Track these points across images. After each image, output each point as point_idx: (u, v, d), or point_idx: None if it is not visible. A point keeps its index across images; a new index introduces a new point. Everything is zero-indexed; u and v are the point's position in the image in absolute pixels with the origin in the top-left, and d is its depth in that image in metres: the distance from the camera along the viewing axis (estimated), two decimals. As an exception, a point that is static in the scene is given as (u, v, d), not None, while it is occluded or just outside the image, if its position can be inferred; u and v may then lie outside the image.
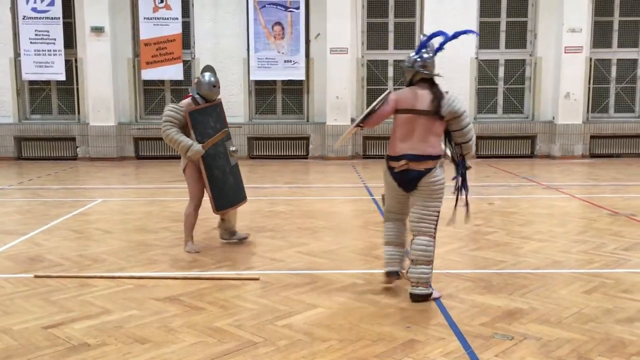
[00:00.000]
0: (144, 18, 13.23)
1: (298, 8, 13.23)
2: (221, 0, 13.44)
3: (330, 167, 12.29)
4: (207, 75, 5.46)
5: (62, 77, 13.43)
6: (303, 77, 13.51)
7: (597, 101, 13.88)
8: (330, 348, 3.33)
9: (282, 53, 13.31)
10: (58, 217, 7.08)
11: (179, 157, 5.55)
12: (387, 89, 13.66)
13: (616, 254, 5.32)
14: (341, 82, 13.14)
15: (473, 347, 3.31)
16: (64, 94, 13.85)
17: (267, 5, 13.21)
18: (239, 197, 5.74)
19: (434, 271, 4.19)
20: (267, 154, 13.57)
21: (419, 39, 4.22)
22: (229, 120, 5.90)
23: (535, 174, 10.93)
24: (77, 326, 3.66)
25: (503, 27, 13.62)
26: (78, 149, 13.63)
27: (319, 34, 13.41)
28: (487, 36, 13.50)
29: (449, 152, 4.25)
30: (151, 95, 13.85)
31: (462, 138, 4.12)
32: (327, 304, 4.04)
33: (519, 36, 13.71)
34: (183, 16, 13.37)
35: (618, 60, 13.79)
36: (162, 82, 13.68)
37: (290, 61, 13.34)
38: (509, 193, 8.82)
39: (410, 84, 4.14)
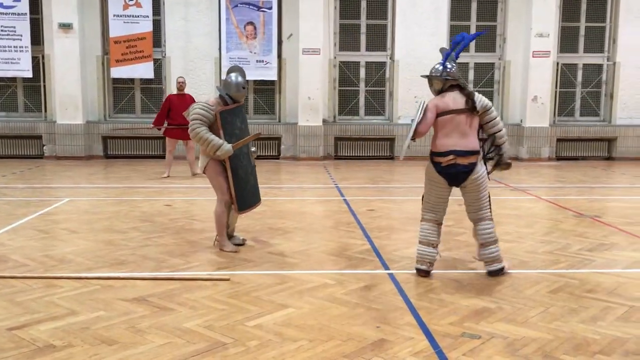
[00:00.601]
0: (114, 15, 13.06)
1: (270, 8, 13.20)
2: (193, -1, 13.34)
3: (301, 167, 12.30)
4: (233, 75, 5.39)
5: (29, 74, 13.16)
6: (275, 78, 13.48)
7: (563, 105, 14.17)
8: (301, 348, 3.33)
9: (254, 53, 13.27)
10: (23, 217, 6.93)
11: (149, 157, 5.49)
12: (358, 89, 13.81)
13: (581, 254, 5.44)
14: (313, 83, 13.17)
15: (442, 347, 3.35)
16: (30, 91, 13.58)
17: (239, 5, 13.15)
18: (256, 198, 5.76)
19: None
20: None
21: (440, 53, 4.64)
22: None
23: (503, 176, 11.09)
24: (42, 328, 3.59)
25: (473, 30, 13.79)
26: (45, 148, 13.37)
27: (291, 35, 13.41)
28: (457, 39, 13.64)
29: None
30: (120, 93, 13.66)
31: (494, 128, 4.66)
32: (298, 305, 4.04)
33: (488, 40, 13.91)
34: (154, 14, 13.21)
35: (584, 65, 14.10)
36: (131, 80, 13.51)
37: (263, 61, 13.30)
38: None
39: (441, 91, 4.72)
